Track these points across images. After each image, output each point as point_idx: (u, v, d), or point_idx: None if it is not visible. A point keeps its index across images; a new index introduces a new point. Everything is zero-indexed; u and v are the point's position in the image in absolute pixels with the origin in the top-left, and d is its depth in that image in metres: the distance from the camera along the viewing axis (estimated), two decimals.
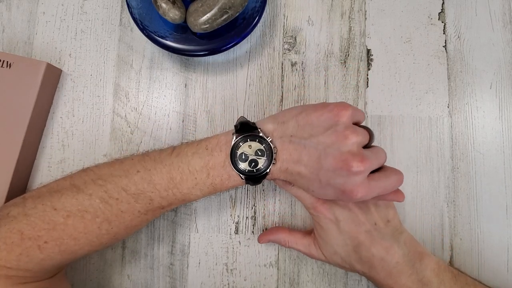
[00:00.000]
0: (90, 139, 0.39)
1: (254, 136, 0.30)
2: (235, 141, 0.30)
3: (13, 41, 0.40)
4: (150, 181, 0.29)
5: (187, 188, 0.30)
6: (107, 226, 0.29)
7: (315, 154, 0.28)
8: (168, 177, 0.29)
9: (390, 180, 0.29)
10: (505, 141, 0.39)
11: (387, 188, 0.29)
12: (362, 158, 0.27)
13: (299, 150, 0.29)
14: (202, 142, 0.31)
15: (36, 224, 0.28)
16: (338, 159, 0.27)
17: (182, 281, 0.38)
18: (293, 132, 0.30)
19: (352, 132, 0.28)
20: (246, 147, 0.30)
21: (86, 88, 0.40)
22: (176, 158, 0.30)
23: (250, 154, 0.29)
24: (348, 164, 0.27)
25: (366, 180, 0.28)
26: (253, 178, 0.30)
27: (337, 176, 0.27)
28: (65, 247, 0.28)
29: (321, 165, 0.28)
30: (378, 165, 0.29)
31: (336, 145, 0.27)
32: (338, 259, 0.33)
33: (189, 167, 0.30)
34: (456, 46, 0.40)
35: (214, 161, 0.30)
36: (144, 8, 0.37)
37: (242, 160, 0.29)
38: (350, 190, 0.27)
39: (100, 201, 0.29)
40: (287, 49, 0.40)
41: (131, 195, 0.29)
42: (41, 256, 0.28)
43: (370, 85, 0.40)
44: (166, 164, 0.30)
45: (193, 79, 0.40)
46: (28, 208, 0.29)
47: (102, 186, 0.29)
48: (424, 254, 0.33)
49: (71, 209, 0.28)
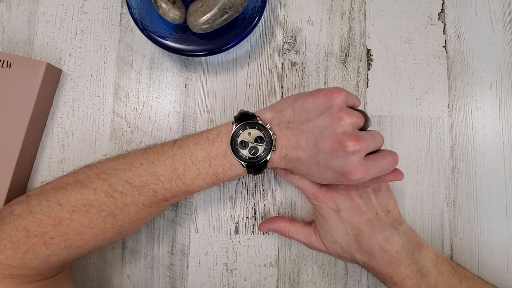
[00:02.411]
0: (90, 139, 0.39)
1: (253, 124, 0.30)
2: (235, 129, 0.30)
3: (13, 41, 0.40)
4: (153, 173, 0.30)
5: (190, 178, 0.30)
6: (112, 220, 0.29)
7: (312, 138, 0.29)
8: (171, 168, 0.30)
9: (387, 160, 0.29)
10: (505, 141, 0.39)
11: (384, 168, 0.29)
12: (357, 138, 0.27)
13: (297, 135, 0.29)
14: (203, 133, 0.32)
15: (41, 220, 0.28)
16: (334, 141, 0.27)
17: (182, 281, 0.38)
18: (290, 118, 0.30)
19: (346, 113, 0.28)
20: (245, 134, 0.30)
21: (86, 88, 0.40)
22: (178, 150, 0.31)
23: (250, 141, 0.30)
24: (343, 144, 0.27)
25: (364, 160, 0.28)
26: (254, 166, 0.30)
27: (334, 158, 0.28)
28: (70, 242, 0.29)
29: (319, 148, 0.28)
30: (375, 147, 0.30)
31: (331, 127, 0.28)
32: (338, 248, 0.33)
33: (191, 157, 0.30)
34: (456, 46, 0.40)
35: (215, 151, 0.30)
36: (144, 8, 0.37)
37: (242, 148, 0.30)
38: (349, 171, 0.27)
39: (105, 194, 0.29)
40: (287, 49, 0.40)
41: (135, 187, 0.30)
42: (47, 252, 0.28)
43: (370, 85, 0.40)
44: (168, 155, 0.30)
45: (193, 79, 0.40)
46: (33, 205, 0.29)
47: (106, 180, 0.29)
48: (422, 244, 0.34)
49: (76, 204, 0.29)
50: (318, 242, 0.34)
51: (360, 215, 0.32)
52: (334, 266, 0.38)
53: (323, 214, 0.33)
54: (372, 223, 0.32)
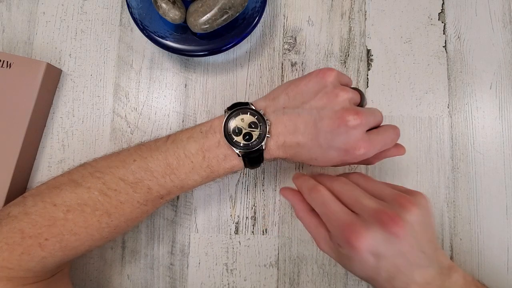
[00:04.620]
0: (90, 139, 0.39)
1: (246, 109, 0.30)
2: (227, 116, 0.30)
3: (13, 41, 0.40)
4: (147, 169, 0.29)
5: (184, 173, 0.30)
6: (107, 219, 0.29)
7: (311, 120, 0.28)
8: (165, 163, 0.29)
9: (389, 133, 0.29)
10: (505, 141, 0.39)
11: (387, 141, 0.29)
12: (356, 111, 0.27)
13: (294, 119, 0.29)
14: (196, 127, 0.31)
15: (36, 221, 0.28)
16: (333, 118, 0.27)
17: (182, 281, 0.38)
18: (285, 104, 0.30)
19: (341, 89, 0.28)
20: (239, 120, 0.30)
21: (86, 88, 0.40)
22: (171, 144, 0.30)
23: (243, 127, 0.29)
24: (344, 119, 0.27)
25: (366, 135, 0.28)
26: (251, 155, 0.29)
27: (336, 136, 0.28)
28: (66, 243, 0.28)
29: (319, 128, 0.28)
30: (375, 123, 0.30)
31: (329, 105, 0.28)
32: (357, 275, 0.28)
33: (184, 151, 0.30)
34: (456, 46, 0.40)
35: (209, 143, 0.30)
36: (144, 8, 0.37)
37: (236, 134, 0.29)
38: (353, 147, 0.27)
39: (99, 193, 0.29)
40: (287, 49, 0.40)
41: (129, 184, 0.29)
42: (42, 254, 0.28)
43: (370, 85, 0.40)
44: (162, 151, 0.30)
45: (193, 79, 0.40)
46: (29, 206, 0.29)
47: (100, 178, 0.29)
48: (452, 268, 0.27)
49: (70, 204, 0.28)
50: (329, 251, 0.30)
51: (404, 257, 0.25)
52: (334, 266, 0.38)
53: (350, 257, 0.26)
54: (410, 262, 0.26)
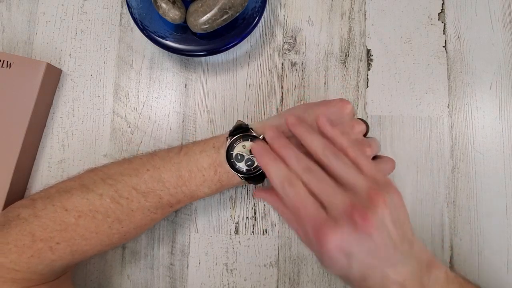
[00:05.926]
0: (90, 139, 0.39)
1: (247, 136, 0.31)
2: (229, 143, 0.30)
3: (13, 41, 0.40)
4: (159, 179, 0.30)
5: (196, 185, 0.30)
6: (117, 225, 0.29)
7: None
8: (177, 175, 0.30)
9: (390, 164, 0.32)
10: (505, 141, 0.39)
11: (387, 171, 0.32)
12: (369, 144, 0.30)
13: None
14: (208, 140, 0.32)
15: (47, 225, 0.28)
16: None
17: (182, 281, 0.38)
18: None
19: (357, 122, 0.31)
20: (240, 147, 0.30)
21: (86, 88, 0.40)
22: (184, 157, 0.31)
23: (246, 153, 0.30)
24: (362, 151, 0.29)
25: None
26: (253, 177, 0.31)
27: None
28: (76, 248, 0.29)
29: None
30: (376, 153, 0.32)
31: None
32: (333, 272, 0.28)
33: (197, 165, 0.30)
34: (456, 46, 0.40)
35: (220, 158, 0.30)
36: (144, 8, 0.37)
37: (238, 160, 0.30)
38: None
39: (111, 200, 0.29)
40: (287, 49, 0.40)
41: (141, 193, 0.30)
42: (52, 257, 0.28)
43: (370, 85, 0.40)
44: (175, 162, 0.31)
45: (193, 79, 0.40)
46: (39, 209, 0.29)
47: (112, 185, 0.29)
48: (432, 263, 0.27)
49: (82, 209, 0.28)
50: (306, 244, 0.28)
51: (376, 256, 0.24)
52: None
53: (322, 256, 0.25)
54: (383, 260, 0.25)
